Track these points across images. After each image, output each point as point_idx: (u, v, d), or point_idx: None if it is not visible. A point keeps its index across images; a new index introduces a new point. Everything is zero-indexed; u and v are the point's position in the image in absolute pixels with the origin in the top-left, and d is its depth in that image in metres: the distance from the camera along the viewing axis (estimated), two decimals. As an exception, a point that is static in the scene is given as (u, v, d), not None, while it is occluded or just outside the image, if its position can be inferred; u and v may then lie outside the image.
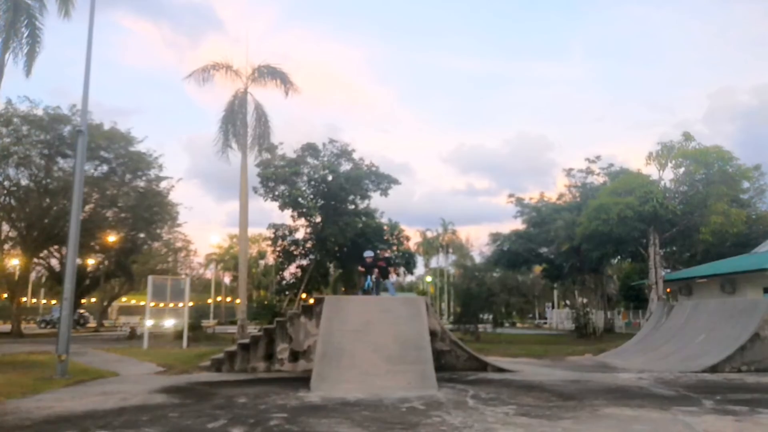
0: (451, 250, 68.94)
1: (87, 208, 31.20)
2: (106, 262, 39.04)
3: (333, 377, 10.19)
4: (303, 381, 10.44)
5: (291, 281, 34.26)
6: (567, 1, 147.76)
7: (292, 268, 34.33)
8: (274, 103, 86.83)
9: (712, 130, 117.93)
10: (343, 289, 35.83)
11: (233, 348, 13.40)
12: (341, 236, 30.49)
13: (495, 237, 38.30)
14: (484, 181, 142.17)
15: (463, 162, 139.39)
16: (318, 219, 32.19)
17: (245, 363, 12.89)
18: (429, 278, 71.75)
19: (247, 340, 13.41)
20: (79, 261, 26.81)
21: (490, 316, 32.47)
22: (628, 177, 28.74)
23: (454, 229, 68.90)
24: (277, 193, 31.41)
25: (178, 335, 22.50)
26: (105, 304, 46.34)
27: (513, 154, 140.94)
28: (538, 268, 43.32)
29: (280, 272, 35.42)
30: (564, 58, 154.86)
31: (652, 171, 28.28)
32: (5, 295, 38.37)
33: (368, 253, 16.62)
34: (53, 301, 57.49)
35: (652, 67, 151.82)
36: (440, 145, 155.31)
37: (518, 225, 37.82)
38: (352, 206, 33.13)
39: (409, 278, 57.02)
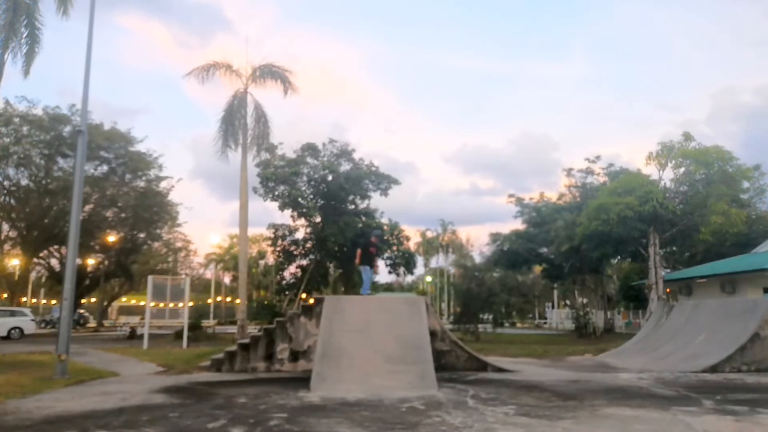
0: (451, 250, 69.06)
1: (87, 208, 31.23)
2: (106, 262, 39.04)
3: (333, 377, 10.18)
4: (303, 381, 10.43)
5: (291, 281, 34.29)
6: None
7: (292, 268, 34.36)
8: (277, 103, 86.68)
9: (715, 130, 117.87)
10: (343, 289, 35.82)
11: (233, 348, 13.39)
12: (341, 236, 30.50)
13: (495, 237, 38.33)
14: (488, 181, 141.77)
15: (466, 162, 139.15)
16: (318, 219, 32.20)
17: (245, 363, 12.89)
18: (429, 278, 71.79)
19: (247, 340, 13.40)
20: (79, 261, 26.78)
21: (490, 316, 32.48)
22: (628, 177, 28.72)
23: (453, 229, 69.21)
24: (277, 193, 31.42)
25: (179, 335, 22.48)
26: (105, 304, 46.32)
27: (517, 153, 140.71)
28: (538, 268, 43.30)
29: (280, 272, 35.43)
30: (568, 57, 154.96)
31: (652, 171, 28.30)
32: (5, 295, 38.35)
33: (377, 232, 17.93)
34: (53, 301, 57.52)
35: (655, 66, 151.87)
36: (444, 145, 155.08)
37: (519, 225, 37.90)
38: (352, 206, 33.14)
39: (409, 278, 57.06)
